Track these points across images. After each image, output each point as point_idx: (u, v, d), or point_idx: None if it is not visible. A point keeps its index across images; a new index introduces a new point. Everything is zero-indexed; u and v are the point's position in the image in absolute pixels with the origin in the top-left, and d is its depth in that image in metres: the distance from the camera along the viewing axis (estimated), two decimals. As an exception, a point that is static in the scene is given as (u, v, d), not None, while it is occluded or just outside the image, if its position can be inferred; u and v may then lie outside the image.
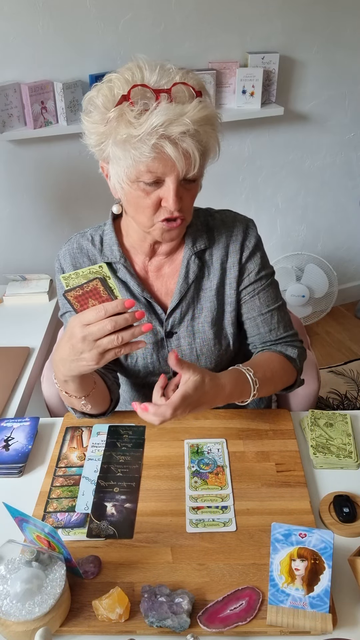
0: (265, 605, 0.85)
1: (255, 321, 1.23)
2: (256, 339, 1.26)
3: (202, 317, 1.20)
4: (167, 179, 0.99)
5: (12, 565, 0.86)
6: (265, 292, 1.22)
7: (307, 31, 2.40)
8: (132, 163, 0.97)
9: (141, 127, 0.93)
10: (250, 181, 2.67)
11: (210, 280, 1.19)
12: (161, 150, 0.95)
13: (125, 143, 0.96)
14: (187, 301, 1.19)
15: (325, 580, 0.84)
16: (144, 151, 0.95)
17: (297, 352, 1.24)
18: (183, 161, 0.96)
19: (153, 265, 1.20)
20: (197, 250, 1.17)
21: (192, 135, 0.96)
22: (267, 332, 1.24)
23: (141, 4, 2.10)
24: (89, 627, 0.84)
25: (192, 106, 0.95)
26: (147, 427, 1.19)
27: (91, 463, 1.11)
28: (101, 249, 1.19)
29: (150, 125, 0.93)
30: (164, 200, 1.01)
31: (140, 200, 1.02)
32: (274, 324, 1.24)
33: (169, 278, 1.20)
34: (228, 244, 1.18)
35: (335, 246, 3.05)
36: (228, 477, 1.07)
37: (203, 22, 2.22)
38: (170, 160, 0.96)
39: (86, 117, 1.03)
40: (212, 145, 1.02)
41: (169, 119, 0.93)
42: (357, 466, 1.10)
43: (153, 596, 0.84)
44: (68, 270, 1.19)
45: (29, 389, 1.42)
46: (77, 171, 2.31)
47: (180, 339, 1.21)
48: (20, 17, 1.96)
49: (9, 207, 2.28)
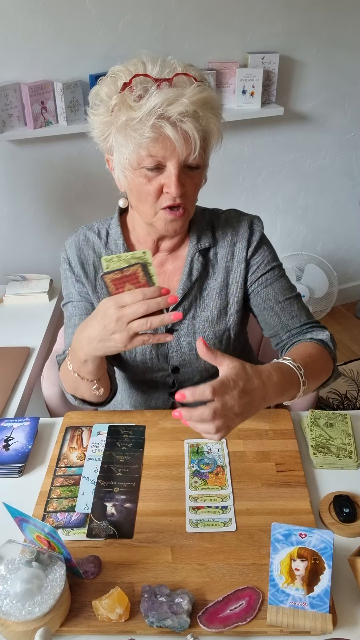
0: (265, 605, 0.85)
1: (274, 310, 1.19)
2: (279, 329, 1.20)
3: (203, 316, 1.20)
4: (169, 163, 1.00)
5: (12, 565, 0.86)
6: (279, 282, 1.20)
7: (307, 31, 2.41)
8: (133, 148, 0.99)
9: (140, 109, 0.95)
10: (250, 181, 2.67)
11: (215, 279, 1.19)
12: (160, 131, 0.96)
13: (126, 127, 0.98)
14: (189, 299, 1.19)
15: (325, 580, 0.84)
16: (144, 132, 0.96)
17: (329, 336, 1.16)
18: (183, 143, 0.97)
19: (156, 261, 1.20)
20: (202, 248, 1.18)
21: (192, 116, 0.96)
22: (289, 319, 1.19)
23: (141, 4, 2.10)
24: (89, 627, 0.84)
25: (190, 89, 0.96)
26: (147, 427, 1.19)
27: (91, 463, 1.11)
28: (106, 242, 1.20)
29: (149, 106, 0.94)
30: (165, 186, 1.02)
31: (143, 187, 1.03)
32: (295, 311, 1.19)
33: (171, 275, 1.20)
34: (234, 242, 1.19)
35: (335, 246, 3.05)
36: (228, 477, 1.07)
37: (203, 22, 2.22)
38: (171, 142, 0.97)
39: (92, 111, 1.05)
40: (212, 130, 1.02)
41: (167, 98, 0.94)
42: (357, 466, 1.10)
43: (153, 596, 0.84)
44: (73, 260, 1.20)
45: (29, 389, 1.42)
46: (77, 171, 2.31)
47: (181, 336, 1.21)
48: (20, 17, 1.96)
49: (8, 207, 2.28)
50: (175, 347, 1.21)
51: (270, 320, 1.22)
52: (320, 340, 1.15)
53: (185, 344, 1.21)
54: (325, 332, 1.17)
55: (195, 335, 1.20)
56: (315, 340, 1.15)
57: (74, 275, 1.21)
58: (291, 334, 1.20)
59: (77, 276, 1.21)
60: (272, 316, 1.21)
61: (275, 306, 1.20)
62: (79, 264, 1.20)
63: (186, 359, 1.21)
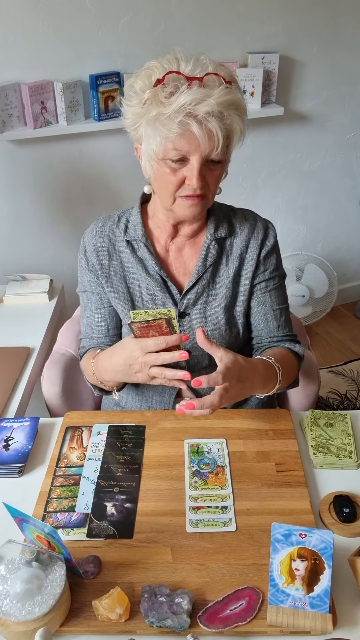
0: (265, 605, 0.85)
1: (265, 316, 1.28)
2: (263, 333, 1.30)
3: (215, 302, 1.24)
4: (192, 157, 1.06)
5: (12, 565, 0.86)
6: (277, 291, 1.29)
7: (307, 31, 2.40)
8: (160, 140, 1.05)
9: (170, 106, 1.01)
10: (250, 181, 2.67)
11: (228, 268, 1.24)
12: (187, 128, 1.02)
13: (156, 121, 1.04)
14: (202, 283, 1.24)
15: (325, 581, 0.84)
16: (172, 128, 1.02)
17: (302, 350, 1.28)
18: (207, 140, 1.03)
19: (175, 246, 1.25)
20: (218, 237, 1.24)
21: (217, 117, 1.02)
22: (275, 327, 1.29)
23: (141, 4, 2.10)
24: (89, 627, 0.84)
25: (218, 90, 1.02)
26: (147, 427, 1.19)
27: (91, 463, 1.11)
28: (125, 228, 1.25)
29: (179, 104, 1.00)
30: (187, 179, 1.08)
31: (166, 177, 1.09)
32: (282, 322, 1.30)
33: (188, 259, 1.25)
34: (249, 237, 1.25)
35: (335, 246, 3.05)
36: (228, 477, 1.07)
37: (203, 22, 2.22)
38: (195, 138, 1.03)
39: (126, 102, 1.11)
40: (235, 129, 1.08)
41: (196, 98, 1.00)
42: (357, 466, 1.10)
43: (153, 596, 0.84)
44: (89, 248, 1.26)
45: (29, 389, 1.42)
46: (77, 171, 2.31)
47: (192, 320, 1.24)
48: (20, 18, 1.96)
49: (8, 207, 2.28)
50: (187, 331, 1.25)
51: (258, 324, 1.30)
52: (295, 353, 1.27)
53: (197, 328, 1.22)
54: (301, 347, 1.29)
55: (207, 320, 1.25)
56: (291, 351, 1.27)
57: (87, 264, 1.27)
58: (272, 340, 1.30)
59: (91, 266, 1.26)
60: (261, 320, 1.30)
61: (268, 313, 1.29)
62: (94, 252, 1.26)
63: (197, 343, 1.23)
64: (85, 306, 1.32)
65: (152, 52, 2.08)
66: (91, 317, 1.31)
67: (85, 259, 1.27)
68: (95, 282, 1.27)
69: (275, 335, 1.30)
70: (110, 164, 2.32)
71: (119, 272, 1.25)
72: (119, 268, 1.25)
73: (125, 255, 1.24)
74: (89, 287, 1.29)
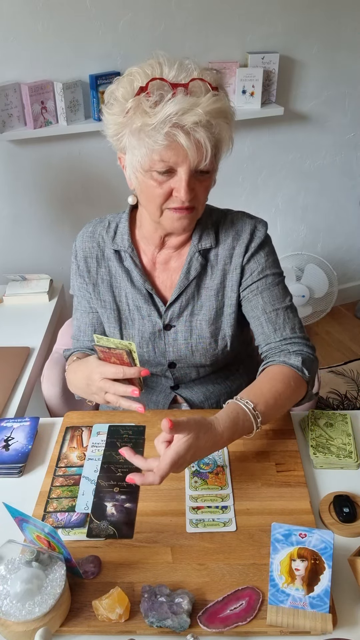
0: (265, 605, 0.85)
1: (259, 320, 1.19)
2: (261, 340, 1.21)
3: (200, 314, 1.21)
4: (180, 169, 1.02)
5: (12, 565, 0.86)
6: (270, 291, 1.19)
7: (307, 31, 2.40)
8: (146, 152, 1.01)
9: (156, 117, 0.97)
10: (250, 181, 2.67)
11: (213, 280, 1.20)
12: (174, 139, 0.98)
13: (140, 132, 1.00)
14: (187, 296, 1.20)
15: (325, 581, 0.84)
16: (157, 139, 0.98)
17: (300, 360, 1.12)
18: (195, 151, 0.99)
19: (161, 258, 1.22)
20: (202, 248, 1.19)
21: (205, 126, 0.98)
22: (271, 331, 1.18)
23: (141, 4, 2.10)
24: (89, 627, 0.84)
25: (205, 98, 0.98)
26: (147, 427, 1.19)
27: (91, 463, 1.11)
28: (114, 236, 1.22)
29: (164, 114, 0.96)
30: (175, 190, 1.04)
31: (153, 190, 1.05)
32: (279, 324, 1.18)
33: (174, 272, 1.22)
34: (234, 246, 1.19)
35: (335, 246, 3.05)
36: (228, 477, 1.07)
37: (203, 22, 2.22)
38: (183, 149, 0.99)
39: (107, 110, 1.07)
40: (224, 138, 1.04)
41: (183, 108, 0.96)
42: (357, 466, 1.10)
43: (153, 596, 0.84)
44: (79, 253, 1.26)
45: (29, 389, 1.42)
46: (77, 171, 2.31)
47: (177, 333, 1.22)
48: (20, 17, 1.96)
49: (8, 207, 2.28)
50: (172, 343, 1.22)
51: (255, 330, 1.22)
52: (291, 365, 1.12)
53: (182, 340, 1.21)
54: (298, 358, 1.13)
55: (192, 333, 1.21)
56: (287, 365, 1.12)
57: (78, 269, 1.27)
58: (270, 347, 1.19)
59: (80, 271, 1.26)
60: (256, 326, 1.21)
61: (262, 316, 1.19)
62: (83, 258, 1.25)
63: (182, 355, 1.22)
64: (76, 308, 1.32)
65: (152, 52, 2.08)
66: (80, 319, 1.31)
67: (76, 263, 1.26)
68: (84, 288, 1.27)
69: (271, 341, 1.18)
70: (110, 164, 2.31)
71: (107, 280, 1.23)
72: (107, 276, 1.23)
73: (112, 263, 1.22)
74: (78, 291, 1.29)
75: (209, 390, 1.29)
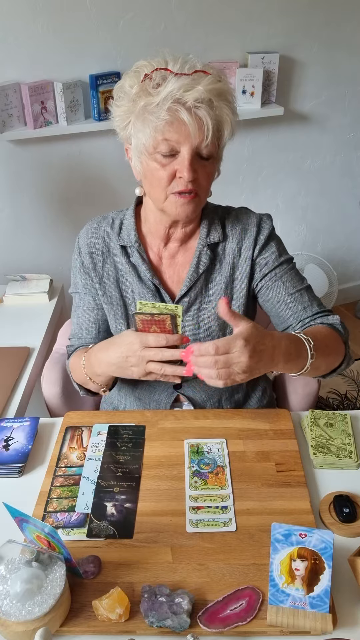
0: (265, 605, 0.85)
1: (286, 302, 1.23)
2: (292, 319, 1.23)
3: (208, 308, 1.22)
4: (182, 148, 1.04)
5: (12, 565, 0.86)
6: (289, 275, 1.24)
7: (307, 31, 2.40)
8: (149, 132, 1.04)
9: (158, 95, 1.01)
10: (250, 181, 2.67)
11: (221, 274, 1.22)
12: (176, 115, 1.01)
13: (144, 111, 1.03)
14: (195, 291, 1.22)
15: (325, 581, 0.83)
16: (160, 115, 1.01)
17: (339, 320, 1.22)
18: (197, 129, 1.02)
19: (167, 252, 1.23)
20: (210, 242, 1.21)
21: (206, 104, 1.02)
22: (301, 310, 1.22)
23: (141, 4, 2.10)
24: (89, 627, 0.84)
25: (207, 78, 1.02)
26: (147, 427, 1.19)
27: (91, 463, 1.11)
28: (119, 232, 1.23)
29: (167, 91, 1.00)
30: (178, 172, 1.06)
31: (157, 172, 1.08)
32: (307, 302, 1.23)
33: (181, 267, 1.23)
34: (241, 239, 1.22)
35: (335, 246, 3.05)
36: (228, 477, 1.07)
37: (203, 22, 2.22)
38: (185, 127, 1.02)
39: (116, 103, 1.10)
40: (225, 120, 1.06)
41: (185, 84, 1.00)
42: (357, 466, 1.10)
43: (153, 596, 0.84)
44: (83, 249, 1.25)
45: (29, 389, 1.42)
46: (77, 171, 2.31)
47: (185, 327, 1.23)
48: (20, 17, 1.96)
49: (9, 207, 2.28)
50: None
51: (283, 313, 1.24)
52: (329, 324, 1.20)
53: (190, 334, 1.22)
54: (335, 317, 1.22)
55: (200, 327, 1.23)
56: (325, 324, 1.19)
57: (82, 266, 1.26)
58: (303, 324, 1.23)
59: (85, 267, 1.25)
60: (284, 309, 1.24)
61: (287, 299, 1.23)
62: (88, 254, 1.25)
63: None
64: (77, 306, 1.31)
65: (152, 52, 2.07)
66: (82, 317, 1.30)
67: (80, 260, 1.26)
68: (89, 284, 1.26)
69: (304, 317, 1.23)
70: (110, 164, 2.32)
71: (113, 275, 1.24)
72: (113, 272, 1.24)
73: (119, 259, 1.23)
74: (83, 288, 1.28)
75: (211, 389, 1.29)
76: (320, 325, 1.19)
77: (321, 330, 1.15)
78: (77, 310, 1.31)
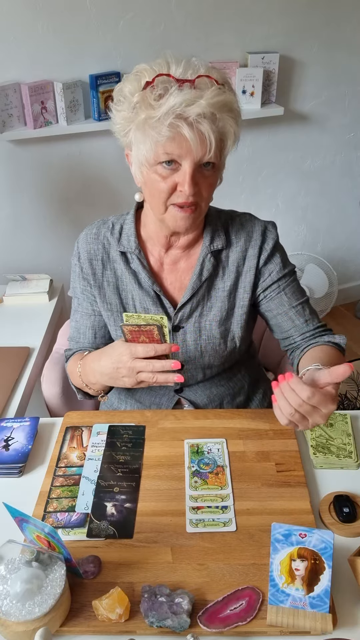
0: (265, 605, 0.85)
1: (288, 314, 1.24)
2: (293, 332, 1.25)
3: (210, 315, 1.21)
4: (184, 162, 1.02)
5: (12, 565, 0.86)
6: (291, 287, 1.24)
7: (307, 31, 2.40)
8: (150, 146, 1.01)
9: (160, 109, 0.98)
10: (250, 181, 2.67)
11: (224, 281, 1.21)
12: (177, 130, 0.98)
13: (145, 125, 1.00)
14: (197, 297, 1.21)
15: (325, 581, 0.83)
16: (161, 131, 0.99)
17: (344, 340, 1.24)
18: (199, 144, 0.99)
19: (169, 259, 1.22)
20: (214, 249, 1.19)
21: (209, 119, 0.99)
22: (303, 323, 1.24)
23: (141, 4, 2.10)
24: (89, 627, 0.84)
25: (210, 91, 0.99)
26: (147, 427, 1.19)
27: (91, 463, 1.11)
28: (119, 237, 1.22)
29: (168, 106, 0.97)
30: (179, 185, 1.04)
31: (157, 184, 1.05)
32: (308, 315, 1.25)
33: (184, 273, 1.22)
34: (246, 248, 1.20)
35: (335, 246, 3.05)
36: (228, 477, 1.07)
37: (203, 22, 2.22)
38: (187, 142, 0.99)
39: (115, 107, 1.08)
40: (229, 132, 1.04)
41: (186, 99, 0.97)
42: (357, 466, 1.10)
43: (153, 596, 0.84)
44: (83, 255, 1.24)
45: (29, 389, 1.42)
46: (77, 171, 2.31)
47: (187, 333, 1.21)
48: (20, 18, 1.96)
49: (9, 207, 2.28)
50: (180, 344, 1.22)
51: (284, 325, 1.25)
52: (336, 344, 1.22)
53: (191, 341, 1.21)
54: (342, 337, 1.24)
55: (201, 334, 1.21)
56: (331, 344, 1.21)
57: (81, 272, 1.25)
58: (304, 337, 1.25)
59: (85, 274, 1.24)
60: (285, 320, 1.25)
61: (289, 311, 1.24)
62: (87, 260, 1.23)
63: (191, 356, 1.22)
64: (76, 310, 1.30)
65: (152, 52, 2.08)
66: (80, 321, 1.29)
67: (79, 265, 1.24)
68: (87, 291, 1.25)
69: (306, 330, 1.24)
70: (110, 164, 2.32)
71: (112, 282, 1.22)
72: (113, 278, 1.22)
73: (119, 265, 1.22)
74: (81, 294, 1.27)
75: (212, 393, 1.29)
76: (328, 347, 1.19)
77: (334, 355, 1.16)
78: (75, 314, 1.31)
